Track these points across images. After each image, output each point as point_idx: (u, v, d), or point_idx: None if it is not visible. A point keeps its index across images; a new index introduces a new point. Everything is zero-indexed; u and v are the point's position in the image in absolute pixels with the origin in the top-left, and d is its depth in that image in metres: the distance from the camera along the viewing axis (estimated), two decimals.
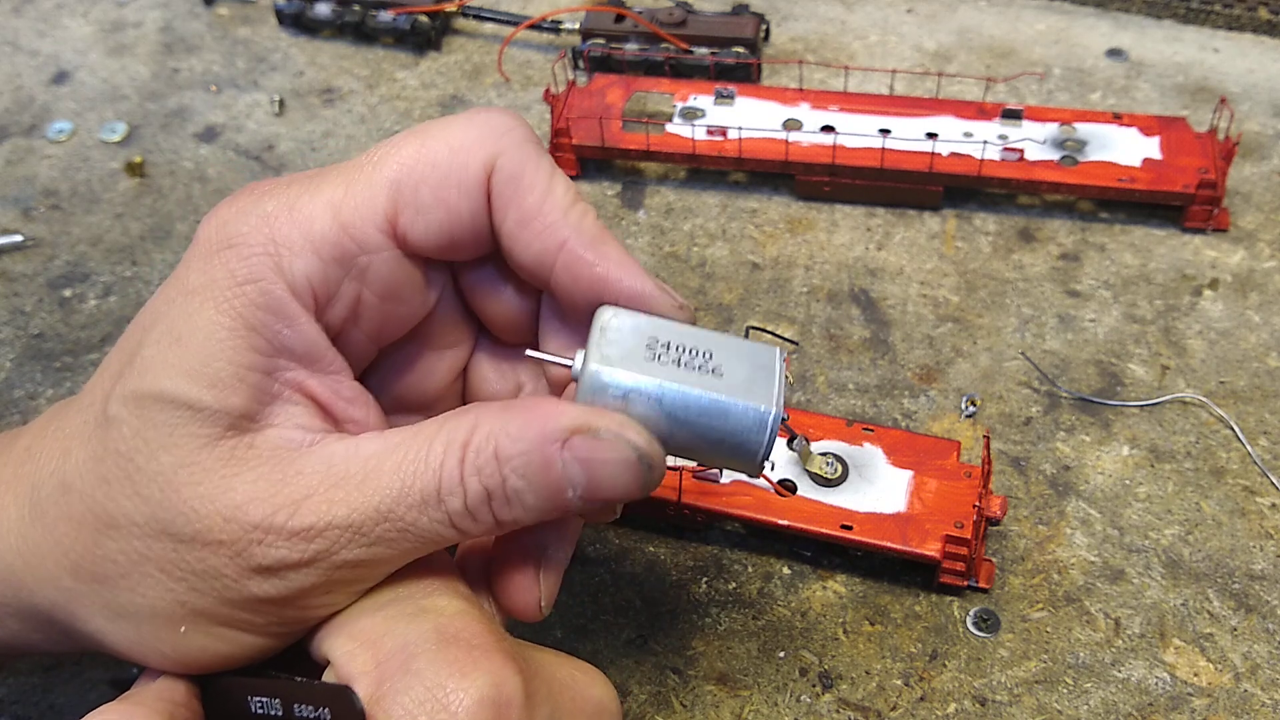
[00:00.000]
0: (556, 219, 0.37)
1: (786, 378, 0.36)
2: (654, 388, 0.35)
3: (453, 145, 0.37)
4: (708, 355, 0.36)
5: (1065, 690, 0.47)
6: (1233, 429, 0.56)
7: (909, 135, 0.67)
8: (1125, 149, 0.66)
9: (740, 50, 0.75)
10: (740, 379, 0.35)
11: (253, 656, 0.36)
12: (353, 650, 0.34)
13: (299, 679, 0.35)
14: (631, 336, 0.35)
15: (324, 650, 0.35)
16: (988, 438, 0.51)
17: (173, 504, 0.34)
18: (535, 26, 0.79)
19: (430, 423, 0.36)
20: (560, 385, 0.41)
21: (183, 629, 0.35)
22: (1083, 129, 0.67)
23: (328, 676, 0.35)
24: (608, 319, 0.36)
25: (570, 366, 0.36)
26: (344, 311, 0.37)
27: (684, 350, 0.35)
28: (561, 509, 0.35)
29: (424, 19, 0.80)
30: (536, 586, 0.39)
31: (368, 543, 0.34)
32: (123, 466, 0.35)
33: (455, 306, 0.41)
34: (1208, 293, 0.62)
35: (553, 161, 0.38)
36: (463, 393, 0.43)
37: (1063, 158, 0.66)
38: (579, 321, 0.39)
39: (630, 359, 0.35)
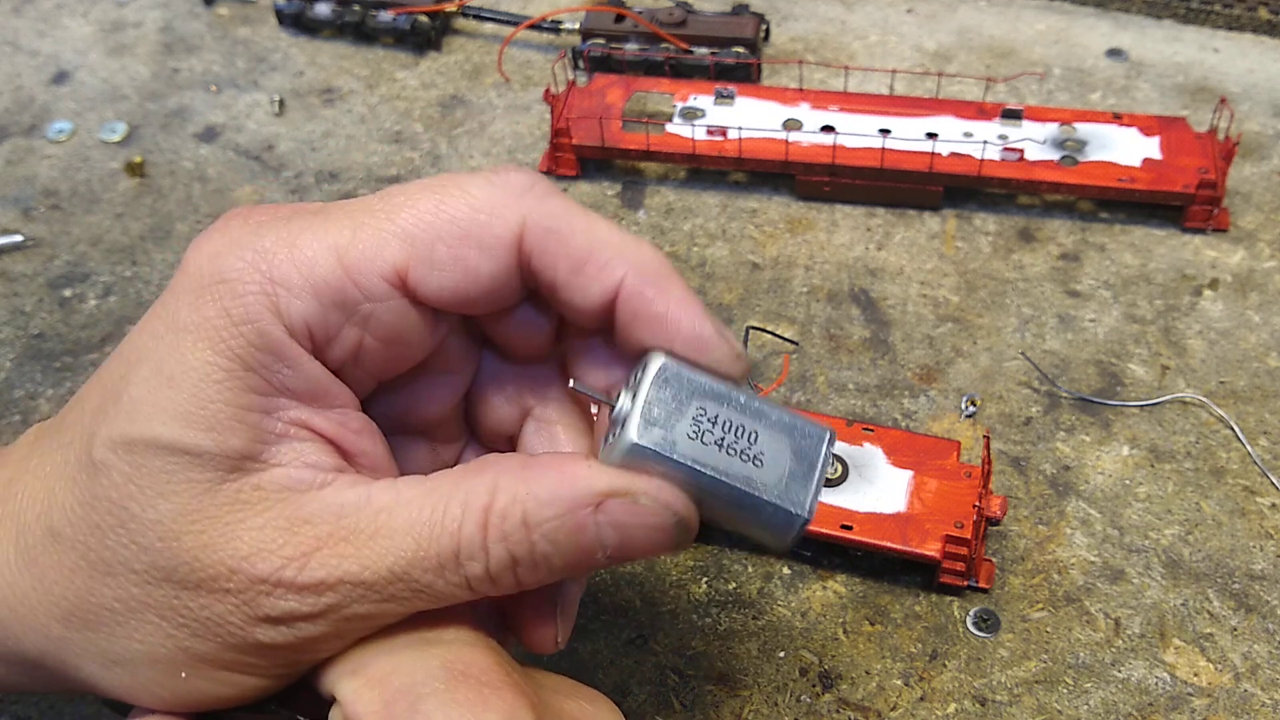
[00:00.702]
0: (611, 256, 0.35)
1: (831, 463, 0.36)
2: (692, 468, 0.34)
3: (473, 204, 0.35)
4: (752, 438, 0.34)
5: (1065, 690, 0.47)
6: (1233, 429, 0.56)
7: (909, 135, 0.67)
8: (1125, 149, 0.66)
9: (740, 50, 0.75)
10: (779, 472, 0.34)
11: (254, 697, 0.36)
12: (359, 689, 0.34)
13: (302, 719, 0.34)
14: (679, 402, 0.34)
15: (329, 686, 0.35)
16: (988, 438, 0.51)
17: (174, 553, 0.33)
18: (535, 26, 0.79)
19: (445, 479, 0.34)
20: (577, 409, 0.40)
21: (183, 674, 0.34)
22: (1083, 129, 0.67)
23: (334, 714, 0.34)
24: (656, 371, 0.34)
25: (613, 407, 0.35)
26: (344, 353, 0.35)
27: (729, 429, 0.34)
28: (588, 569, 0.35)
29: (424, 19, 0.80)
30: (554, 624, 0.38)
31: (380, 599, 0.33)
32: (116, 514, 0.33)
33: (462, 333, 0.39)
34: (1208, 293, 0.62)
35: (585, 208, 0.36)
36: (465, 414, 0.42)
37: (1063, 158, 0.66)
38: (621, 354, 0.37)
39: (674, 431, 0.34)
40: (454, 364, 0.40)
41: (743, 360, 0.36)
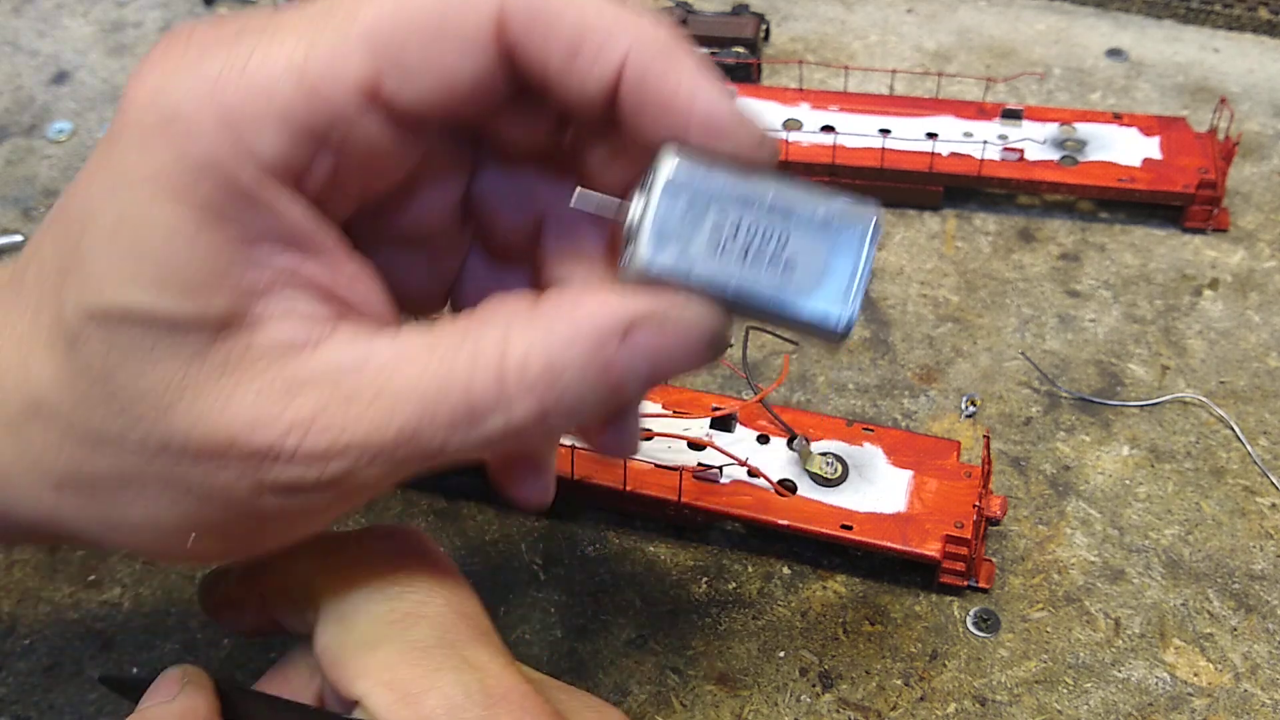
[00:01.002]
0: (608, 34, 0.30)
1: (875, 252, 0.32)
2: (717, 283, 0.31)
3: None
4: (782, 240, 0.31)
5: (1065, 690, 0.47)
6: (1233, 429, 0.56)
7: (909, 135, 0.67)
8: (1125, 149, 0.66)
9: (740, 50, 0.75)
10: (814, 276, 0.31)
11: (266, 551, 0.35)
12: (392, 702, 0.32)
13: (346, 715, 0.33)
14: (695, 209, 0.30)
15: (356, 691, 0.33)
16: (988, 438, 0.51)
17: (168, 424, 0.30)
18: None
19: (449, 330, 0.31)
20: None
21: (191, 538, 0.32)
22: (1083, 129, 0.67)
23: (358, 713, 0.33)
24: (667, 176, 0.30)
25: (624, 220, 0.31)
26: (319, 184, 0.31)
27: (754, 234, 0.30)
28: (621, 404, 0.32)
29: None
30: (542, 476, 0.37)
31: (392, 463, 0.31)
32: (101, 387, 0.30)
33: (450, 137, 0.35)
34: (1208, 293, 0.62)
35: None
36: (467, 218, 0.38)
37: (1063, 158, 0.66)
38: (622, 166, 0.33)
39: (692, 245, 0.30)
40: (444, 171, 0.36)
41: (768, 145, 0.31)
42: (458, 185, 0.36)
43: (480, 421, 0.30)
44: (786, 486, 0.51)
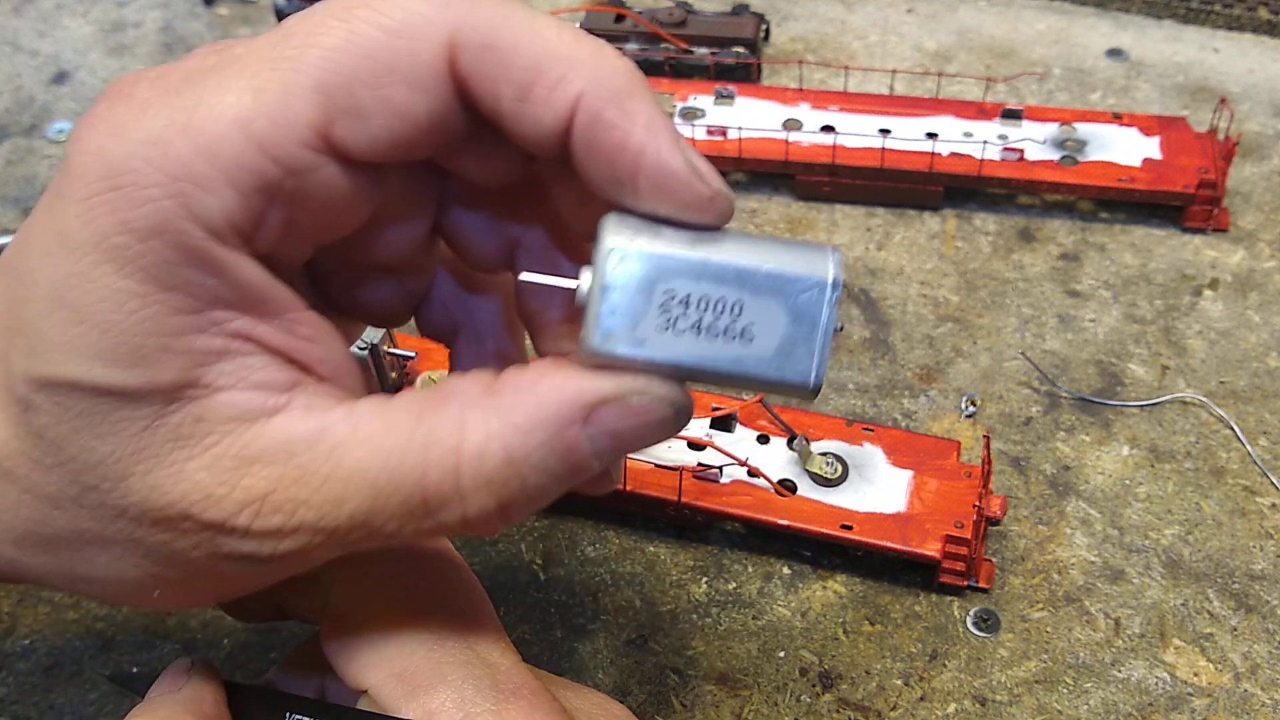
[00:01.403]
0: (564, 72, 0.28)
1: (838, 301, 0.30)
2: (673, 361, 0.29)
3: (389, 27, 0.28)
4: (736, 310, 0.29)
5: (1065, 690, 0.47)
6: (1233, 429, 0.56)
7: (909, 135, 0.67)
8: (1125, 149, 0.66)
9: (740, 50, 0.75)
10: (773, 342, 0.30)
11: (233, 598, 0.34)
12: (401, 695, 0.32)
13: (359, 709, 0.33)
14: (642, 287, 0.29)
15: (365, 682, 0.33)
16: (988, 438, 0.51)
17: (122, 493, 0.29)
18: None
19: (403, 412, 0.30)
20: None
21: (156, 593, 0.32)
22: (1083, 129, 0.67)
23: (363, 703, 0.33)
24: (608, 254, 0.29)
25: (575, 289, 0.30)
26: (272, 238, 0.29)
27: (707, 307, 0.29)
28: (581, 480, 0.31)
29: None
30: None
31: (344, 545, 0.30)
32: (55, 455, 0.30)
33: (412, 172, 0.33)
34: (1208, 293, 0.62)
35: (529, 8, 0.30)
36: (442, 242, 0.37)
37: (1063, 158, 0.66)
38: (594, 213, 0.31)
39: (641, 326, 0.29)
40: (409, 207, 0.34)
41: (720, 200, 0.30)
42: (424, 218, 0.35)
43: (435, 513, 0.30)
44: (786, 486, 0.51)
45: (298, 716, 0.34)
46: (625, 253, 0.29)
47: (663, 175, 0.29)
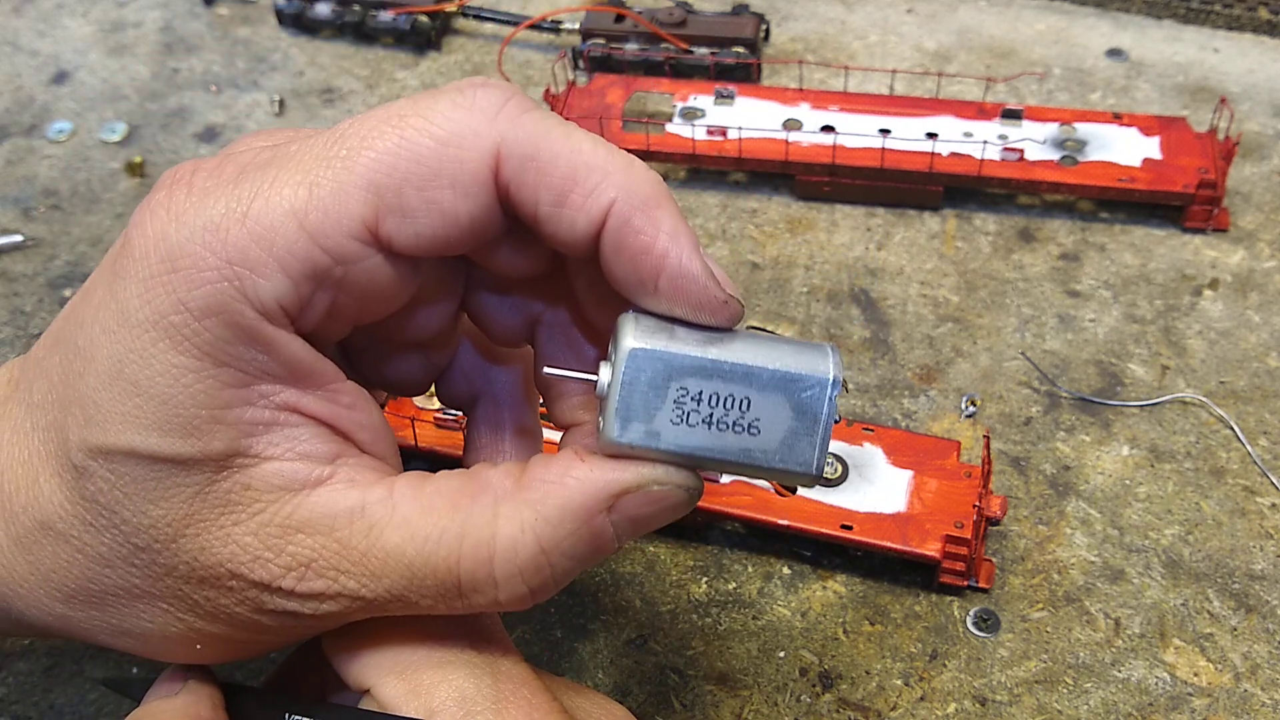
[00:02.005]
0: (597, 182, 0.31)
1: (840, 392, 0.32)
2: (685, 452, 0.32)
3: (440, 136, 0.31)
4: (744, 406, 0.32)
5: (1065, 690, 0.47)
6: (1233, 429, 0.56)
7: (909, 135, 0.67)
8: (1125, 149, 0.66)
9: (740, 50, 0.75)
10: (778, 435, 0.32)
11: (271, 652, 0.36)
12: (403, 693, 0.33)
13: (361, 709, 0.34)
14: (656, 385, 0.32)
15: (367, 681, 0.34)
16: (988, 438, 0.51)
17: (172, 554, 0.32)
18: (535, 26, 0.79)
19: (439, 498, 0.32)
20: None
21: (198, 647, 0.34)
22: (1083, 129, 0.67)
23: (366, 703, 0.34)
24: (628, 354, 0.31)
25: (595, 382, 0.33)
26: (317, 319, 0.32)
27: (717, 403, 0.32)
28: (603, 559, 0.35)
29: (424, 19, 0.80)
30: None
31: (382, 610, 0.33)
32: (108, 518, 0.32)
33: (446, 263, 0.36)
34: (1208, 293, 0.62)
35: (566, 121, 0.32)
36: (466, 319, 0.39)
37: (1063, 158, 0.66)
38: (613, 303, 0.34)
39: (656, 420, 0.32)
40: (439, 293, 0.36)
41: (731, 305, 0.32)
42: (453, 300, 0.37)
43: (467, 596, 0.32)
44: (786, 486, 0.51)
45: (297, 717, 0.34)
46: (643, 352, 0.32)
47: (683, 279, 0.31)
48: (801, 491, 0.51)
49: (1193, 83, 0.74)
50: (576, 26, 0.78)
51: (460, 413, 0.44)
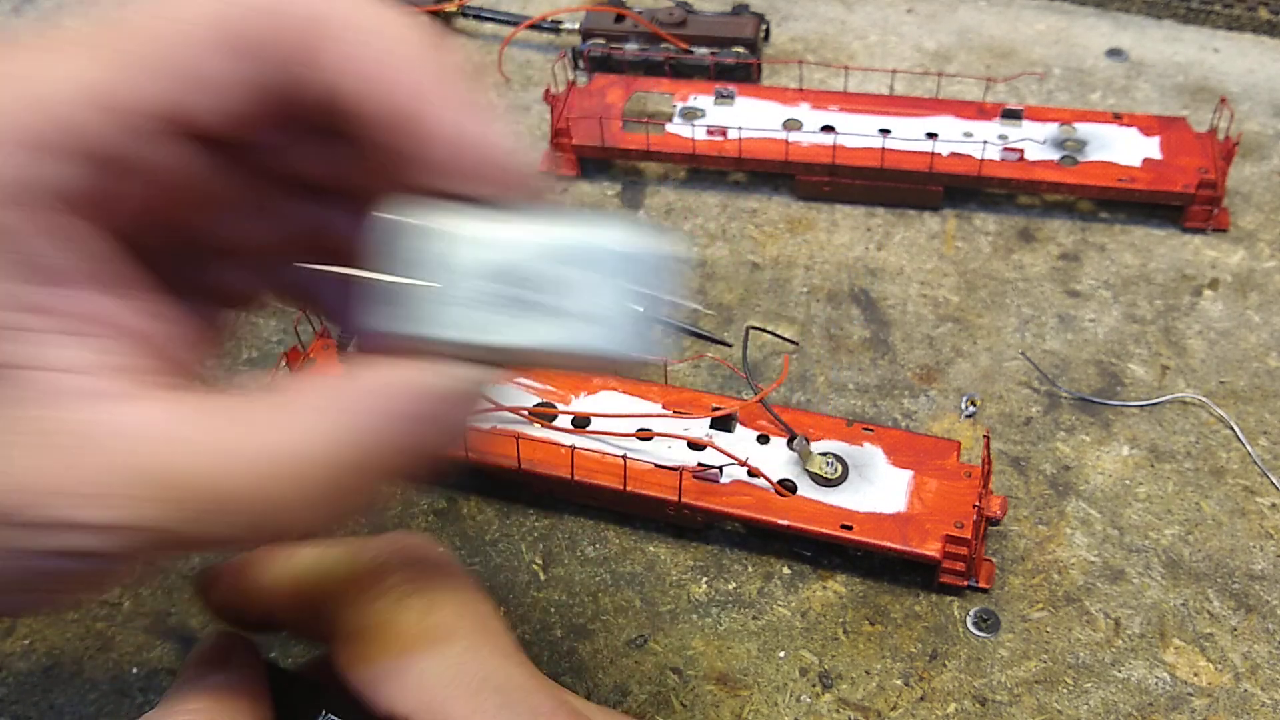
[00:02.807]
0: (399, 65, 0.29)
1: (661, 273, 0.27)
2: (483, 343, 0.28)
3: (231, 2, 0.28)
4: (550, 287, 0.28)
5: (1065, 690, 0.47)
6: (1233, 429, 0.56)
7: (909, 135, 0.67)
8: (1125, 149, 0.66)
9: (740, 50, 0.75)
10: (590, 310, 0.28)
11: None
12: None
13: None
14: (440, 262, 0.28)
15: (392, 707, 0.31)
16: (988, 438, 0.51)
17: None
18: (535, 26, 0.79)
19: (223, 415, 0.28)
20: None
21: None
22: (1083, 129, 0.67)
23: None
24: (405, 225, 0.28)
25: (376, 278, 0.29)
26: (124, 214, 0.29)
27: (517, 280, 0.28)
28: (413, 470, 0.30)
29: (424, 20, 0.80)
30: None
31: (175, 547, 0.28)
32: None
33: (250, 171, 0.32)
34: (1208, 293, 0.62)
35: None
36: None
37: (1063, 158, 0.66)
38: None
39: (443, 304, 0.28)
40: (250, 192, 0.33)
41: (520, 179, 0.29)
42: (272, 204, 0.34)
43: (260, 518, 0.28)
44: (786, 486, 0.51)
45: (333, 717, 0.32)
46: (422, 227, 0.28)
47: (476, 153, 0.28)
48: (801, 491, 0.51)
49: (1193, 83, 0.74)
50: (576, 26, 0.78)
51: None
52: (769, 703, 0.48)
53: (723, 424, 0.54)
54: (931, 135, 0.67)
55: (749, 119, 0.69)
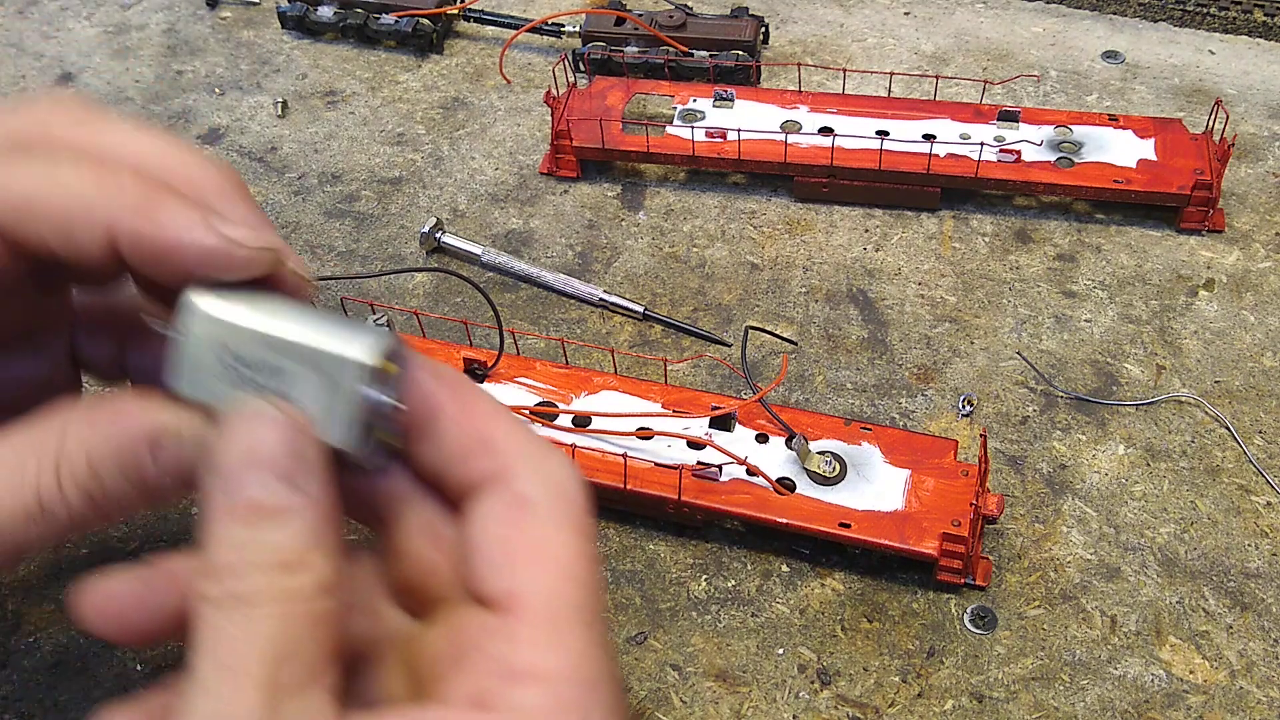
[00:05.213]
0: (93, 202, 0.34)
1: (374, 381, 0.33)
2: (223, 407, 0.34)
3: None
4: (281, 373, 0.33)
5: (1062, 687, 0.48)
6: (1228, 428, 0.56)
7: (906, 137, 0.68)
8: (1121, 150, 0.66)
9: (739, 53, 0.75)
10: (316, 407, 0.33)
11: None
12: None
13: None
14: (208, 346, 0.34)
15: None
16: (984, 437, 0.51)
17: None
18: (536, 29, 0.79)
19: (19, 432, 0.34)
20: None
21: None
22: (1079, 131, 0.68)
23: None
24: (188, 308, 0.34)
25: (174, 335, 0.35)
26: None
27: (258, 367, 0.34)
28: (166, 498, 0.35)
29: (426, 22, 0.80)
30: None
31: None
32: None
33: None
34: (1203, 293, 0.63)
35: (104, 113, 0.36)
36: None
37: (1059, 159, 0.66)
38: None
39: (205, 377, 0.34)
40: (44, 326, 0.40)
41: (262, 256, 0.34)
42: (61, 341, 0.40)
43: (48, 513, 0.33)
44: (785, 485, 0.52)
45: None
46: (196, 314, 0.34)
47: (208, 254, 0.33)
48: (800, 489, 0.51)
49: (1188, 85, 0.75)
50: (577, 29, 0.78)
51: None
52: (768, 699, 0.48)
53: (722, 423, 0.54)
54: (929, 137, 0.68)
55: (748, 121, 0.69)
